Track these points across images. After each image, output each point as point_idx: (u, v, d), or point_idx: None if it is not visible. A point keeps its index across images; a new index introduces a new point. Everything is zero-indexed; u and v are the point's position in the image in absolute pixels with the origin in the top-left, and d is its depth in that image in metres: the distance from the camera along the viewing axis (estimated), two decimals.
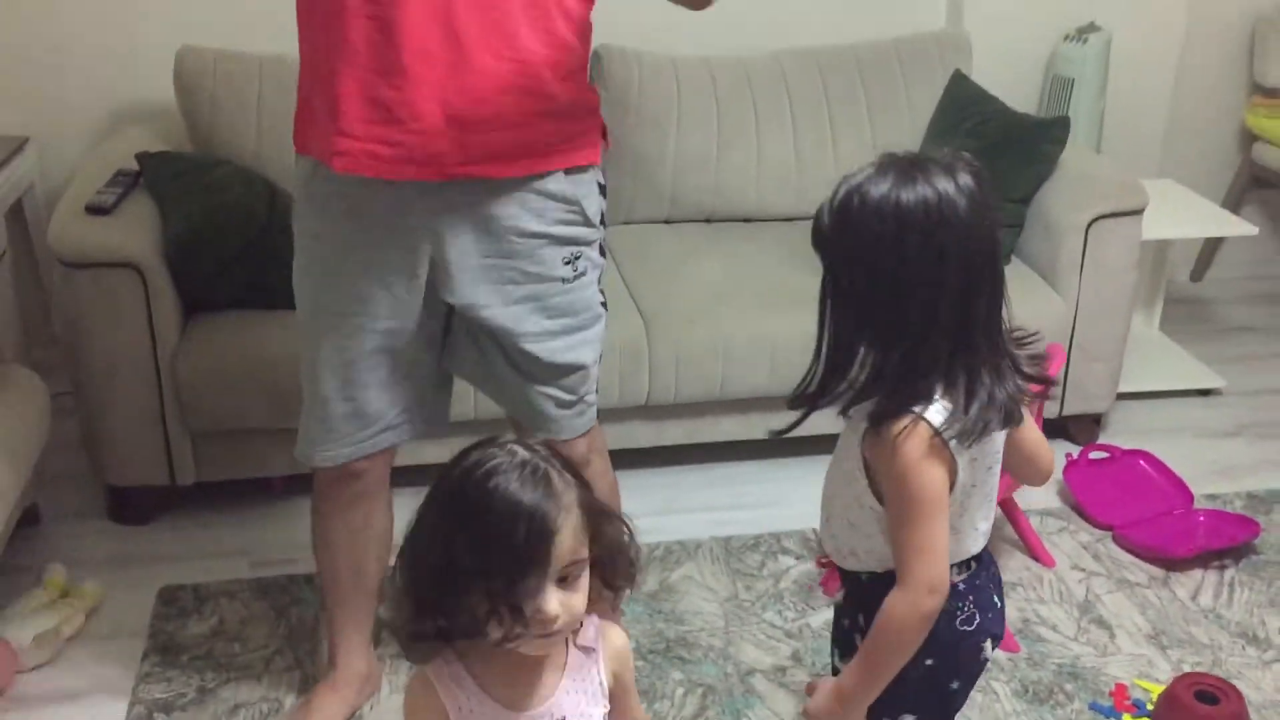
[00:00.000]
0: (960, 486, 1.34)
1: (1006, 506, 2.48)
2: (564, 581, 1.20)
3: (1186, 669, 2.20)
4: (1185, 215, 3.20)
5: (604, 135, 1.84)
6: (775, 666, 2.23)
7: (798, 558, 2.54)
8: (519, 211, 1.72)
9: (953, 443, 1.29)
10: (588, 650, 1.32)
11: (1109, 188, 2.81)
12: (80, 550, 2.50)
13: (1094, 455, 2.77)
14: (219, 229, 2.46)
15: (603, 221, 1.86)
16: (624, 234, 3.02)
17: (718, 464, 2.87)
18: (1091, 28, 3.33)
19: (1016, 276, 2.84)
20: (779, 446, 2.87)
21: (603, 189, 1.85)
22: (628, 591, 1.31)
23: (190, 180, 2.55)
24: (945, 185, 1.27)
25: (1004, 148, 2.87)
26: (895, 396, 1.30)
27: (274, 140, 2.80)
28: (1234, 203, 3.73)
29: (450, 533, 1.18)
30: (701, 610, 2.38)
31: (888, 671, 1.36)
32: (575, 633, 1.30)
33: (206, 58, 2.82)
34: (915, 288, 1.27)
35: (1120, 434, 2.98)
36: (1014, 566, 2.51)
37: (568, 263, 1.79)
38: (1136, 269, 2.84)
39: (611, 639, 1.35)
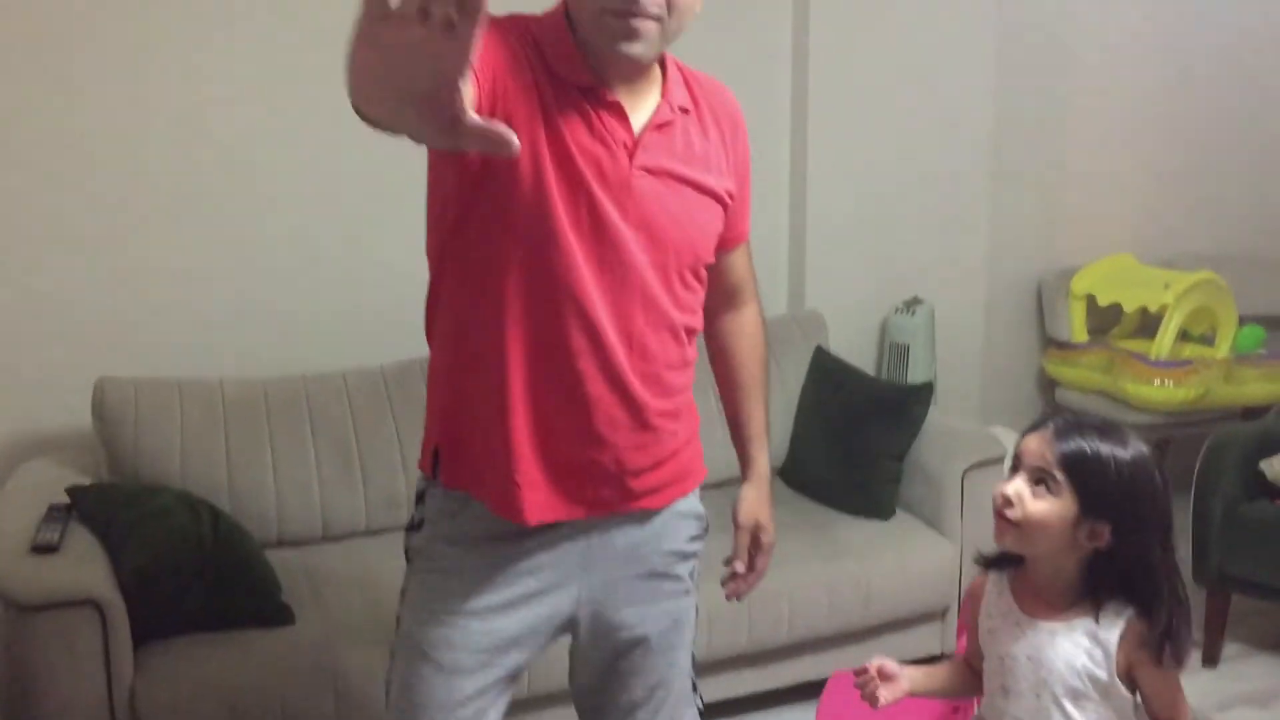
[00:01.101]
0: None
1: None
2: None
3: None
4: None
5: None
6: None
7: None
8: (665, 532, 1.79)
9: None
10: None
11: (972, 441, 3.19)
12: None
13: None
14: (175, 556, 2.48)
15: None
16: None
17: None
18: (916, 300, 3.81)
19: (906, 525, 3.17)
20: (709, 712, 3.02)
21: None
22: None
23: (136, 510, 2.56)
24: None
25: (877, 412, 3.22)
26: None
27: (199, 461, 2.86)
28: None
29: None
30: None
31: None
32: None
33: (127, 387, 2.87)
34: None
35: None
36: None
37: (690, 575, 1.86)
38: None
39: None
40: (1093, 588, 1.66)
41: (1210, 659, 3.29)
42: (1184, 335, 4.00)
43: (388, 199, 3.06)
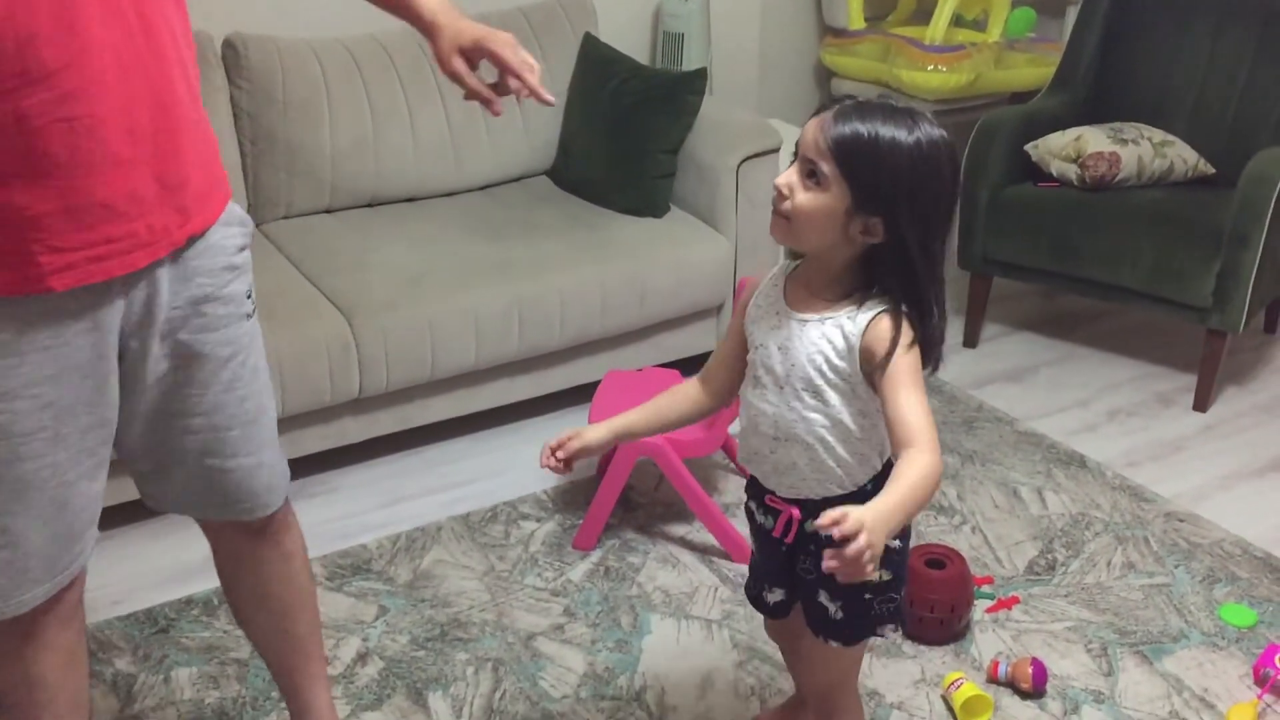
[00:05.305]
0: None
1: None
2: None
3: None
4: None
5: None
6: (552, 626, 2.30)
7: (538, 520, 2.61)
8: (214, 246, 1.52)
9: None
10: None
11: (748, 131, 3.06)
12: None
13: None
14: None
15: None
16: (287, 228, 2.91)
17: (427, 446, 2.88)
18: None
19: (680, 221, 3.06)
20: (481, 420, 2.95)
21: None
22: None
23: None
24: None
25: (650, 103, 3.04)
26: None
27: None
28: None
29: None
30: (464, 589, 2.40)
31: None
32: None
33: None
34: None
35: None
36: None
37: (248, 296, 1.59)
38: None
39: None
40: (860, 284, 1.53)
41: (970, 341, 3.39)
42: (957, 20, 3.92)
43: None
